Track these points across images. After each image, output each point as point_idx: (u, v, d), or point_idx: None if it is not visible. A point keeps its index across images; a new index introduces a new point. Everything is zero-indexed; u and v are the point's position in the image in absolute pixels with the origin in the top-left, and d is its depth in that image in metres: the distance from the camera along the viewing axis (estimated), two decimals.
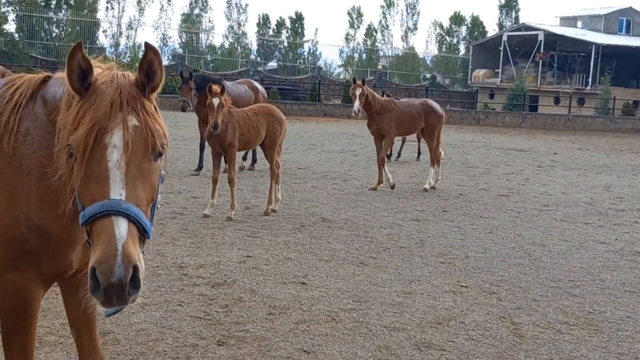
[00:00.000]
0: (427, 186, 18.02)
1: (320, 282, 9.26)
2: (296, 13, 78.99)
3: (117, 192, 3.31)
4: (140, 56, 55.11)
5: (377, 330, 7.58)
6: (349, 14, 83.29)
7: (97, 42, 67.70)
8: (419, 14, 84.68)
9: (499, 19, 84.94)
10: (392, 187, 17.68)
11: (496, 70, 71.10)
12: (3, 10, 59.93)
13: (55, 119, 3.87)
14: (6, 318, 4.17)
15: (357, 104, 17.49)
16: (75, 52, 3.38)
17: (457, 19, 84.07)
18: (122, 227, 3.24)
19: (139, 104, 3.50)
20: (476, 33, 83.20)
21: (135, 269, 3.21)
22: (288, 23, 79.20)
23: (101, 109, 3.41)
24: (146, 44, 3.54)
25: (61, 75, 4.12)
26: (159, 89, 3.62)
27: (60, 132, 3.74)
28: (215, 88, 12.48)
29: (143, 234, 3.39)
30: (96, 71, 3.54)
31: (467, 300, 8.85)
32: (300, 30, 79.24)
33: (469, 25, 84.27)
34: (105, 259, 3.16)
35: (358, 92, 17.42)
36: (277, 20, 79.55)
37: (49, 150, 3.92)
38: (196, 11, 78.28)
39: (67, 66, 3.42)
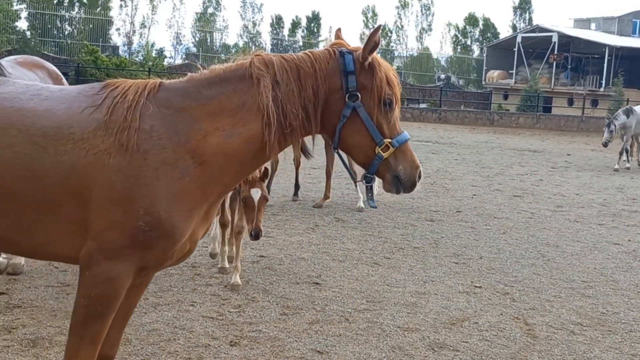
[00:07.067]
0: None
1: (333, 282, 9.26)
2: (313, 12, 79.11)
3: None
4: (153, 55, 55.02)
5: (390, 331, 7.58)
6: (363, 13, 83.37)
7: (110, 40, 67.90)
8: (433, 15, 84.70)
9: (512, 21, 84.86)
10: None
11: (510, 72, 70.89)
12: (15, 7, 60.03)
13: (191, 117, 4.25)
14: (89, 305, 4.19)
15: None
16: None
17: (471, 20, 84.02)
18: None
19: None
20: (488, 34, 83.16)
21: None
22: (304, 22, 79.30)
23: None
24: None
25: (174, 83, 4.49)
26: None
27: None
28: None
29: None
30: None
31: (480, 301, 8.84)
32: (316, 29, 79.30)
33: (482, 26, 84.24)
34: (419, 165, 4.67)
35: None
36: (293, 20, 79.69)
37: (175, 148, 4.15)
38: (210, 10, 78.42)
39: None
